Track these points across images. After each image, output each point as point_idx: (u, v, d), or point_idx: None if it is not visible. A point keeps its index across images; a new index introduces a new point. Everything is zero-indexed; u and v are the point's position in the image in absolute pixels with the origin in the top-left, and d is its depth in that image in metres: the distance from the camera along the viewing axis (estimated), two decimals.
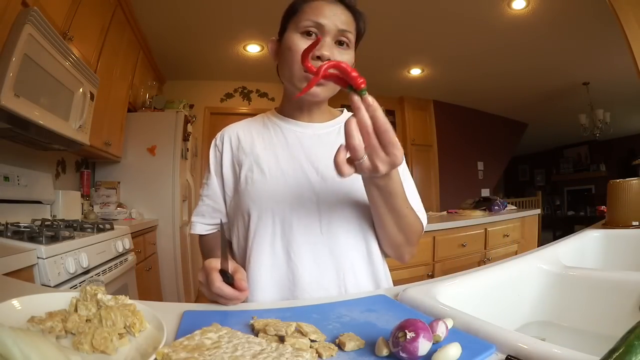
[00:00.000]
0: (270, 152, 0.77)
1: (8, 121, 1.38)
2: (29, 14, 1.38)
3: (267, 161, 0.75)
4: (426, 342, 0.37)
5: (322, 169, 0.74)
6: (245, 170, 0.76)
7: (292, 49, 0.70)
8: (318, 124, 0.80)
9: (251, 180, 0.74)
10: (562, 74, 3.99)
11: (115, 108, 2.51)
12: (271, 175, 0.74)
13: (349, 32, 0.71)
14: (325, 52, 0.67)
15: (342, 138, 0.74)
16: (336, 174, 0.54)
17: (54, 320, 0.40)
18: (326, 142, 0.78)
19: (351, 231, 0.73)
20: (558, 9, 2.71)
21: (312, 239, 0.72)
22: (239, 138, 0.81)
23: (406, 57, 3.72)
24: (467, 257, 2.33)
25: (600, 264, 1.13)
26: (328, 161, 0.72)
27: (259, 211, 0.72)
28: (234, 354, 0.35)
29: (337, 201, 0.72)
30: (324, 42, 0.68)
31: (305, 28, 0.69)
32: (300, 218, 0.71)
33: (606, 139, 5.88)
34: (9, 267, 1.01)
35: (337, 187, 0.72)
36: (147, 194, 2.81)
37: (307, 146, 0.77)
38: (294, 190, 0.72)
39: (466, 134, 5.27)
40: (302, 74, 0.69)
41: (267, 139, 0.79)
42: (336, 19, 0.69)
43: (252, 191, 0.73)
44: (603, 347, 0.31)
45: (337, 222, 0.72)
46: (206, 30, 2.99)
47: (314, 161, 0.75)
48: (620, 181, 1.36)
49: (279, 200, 0.72)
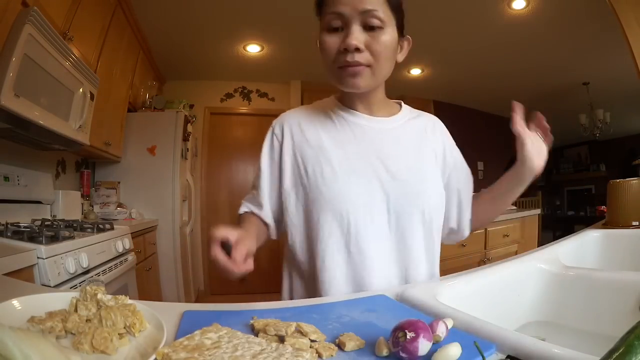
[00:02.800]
0: (339, 147, 0.74)
1: (8, 121, 1.38)
2: (29, 14, 1.38)
3: (336, 157, 0.73)
4: (426, 342, 0.37)
5: (391, 166, 0.73)
6: (312, 165, 0.73)
7: (322, 48, 0.69)
8: (383, 119, 0.78)
9: (321, 178, 0.72)
10: (562, 74, 3.99)
11: (115, 108, 2.51)
12: (342, 172, 0.72)
13: (375, 11, 0.64)
14: (352, 42, 0.63)
15: (409, 136, 0.79)
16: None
17: (54, 320, 0.40)
18: (394, 138, 0.77)
19: (417, 230, 0.74)
20: (558, 9, 2.71)
21: (381, 236, 0.72)
22: (301, 128, 0.77)
23: (406, 57, 3.71)
24: (467, 257, 2.33)
25: (600, 264, 1.13)
26: (397, 159, 0.74)
27: (332, 210, 0.70)
28: (234, 354, 0.35)
29: (405, 202, 0.72)
30: (350, 32, 0.64)
31: (328, 23, 0.66)
32: (373, 217, 0.71)
33: (606, 139, 5.87)
34: (9, 267, 1.01)
35: (406, 186, 0.73)
36: (147, 194, 2.81)
37: (376, 142, 0.75)
38: (366, 189, 0.72)
39: (466, 134, 5.25)
40: (335, 71, 0.69)
41: (334, 132, 0.76)
42: (357, 2, 0.63)
43: (323, 189, 0.71)
44: (603, 347, 0.31)
45: (404, 221, 0.73)
46: (206, 30, 2.99)
47: (383, 159, 0.73)
48: (620, 181, 1.36)
49: (352, 199, 0.71)
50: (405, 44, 0.75)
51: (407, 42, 0.75)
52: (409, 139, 0.78)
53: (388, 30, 0.67)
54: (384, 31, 0.66)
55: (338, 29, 0.66)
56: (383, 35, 0.66)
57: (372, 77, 0.69)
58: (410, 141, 0.78)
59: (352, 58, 0.65)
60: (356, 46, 0.64)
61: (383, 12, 0.65)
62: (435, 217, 0.77)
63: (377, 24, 0.65)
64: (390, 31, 0.67)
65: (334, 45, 0.66)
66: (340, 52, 0.66)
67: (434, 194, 0.76)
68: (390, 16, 0.67)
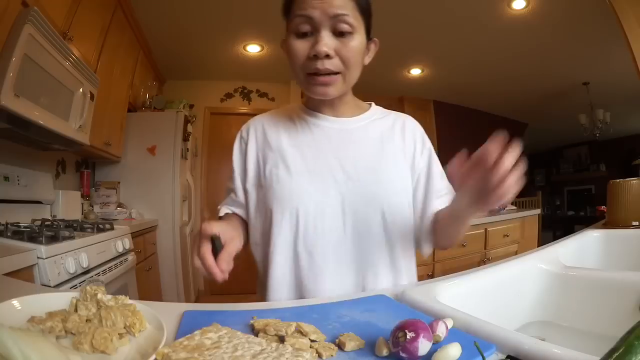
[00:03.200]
0: (297, 149, 0.74)
1: (8, 121, 1.38)
2: (29, 14, 1.38)
3: (292, 158, 0.72)
4: (426, 342, 0.37)
5: (348, 166, 0.71)
6: (270, 166, 0.73)
7: (290, 53, 0.66)
8: (346, 119, 0.76)
9: (276, 177, 0.71)
10: (562, 74, 3.99)
11: (115, 108, 2.51)
12: (297, 172, 0.71)
13: (346, 15, 0.62)
14: (322, 49, 0.62)
15: (371, 135, 0.76)
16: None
17: (54, 320, 0.40)
18: (355, 138, 0.75)
19: (377, 234, 0.71)
20: (558, 9, 2.71)
21: (335, 240, 0.70)
22: (264, 131, 0.78)
23: (406, 57, 3.71)
24: (467, 257, 2.33)
25: (600, 264, 1.13)
26: (355, 160, 0.72)
27: (282, 209, 0.70)
28: (234, 354, 0.35)
29: (363, 202, 0.70)
30: (319, 38, 0.62)
31: (297, 28, 0.64)
32: (325, 218, 0.70)
33: (606, 139, 5.86)
34: (9, 267, 1.01)
35: (364, 188, 0.71)
36: (147, 194, 2.81)
37: (335, 143, 0.74)
38: (319, 189, 0.70)
39: (466, 134, 5.26)
40: (304, 78, 0.67)
41: (294, 135, 0.76)
42: (326, 6, 0.61)
43: (276, 188, 0.71)
44: (603, 347, 0.31)
45: (361, 224, 0.70)
46: (206, 30, 2.99)
47: (341, 158, 0.72)
48: (620, 181, 1.36)
49: (304, 200, 0.69)
50: (372, 46, 0.73)
51: (374, 44, 0.73)
52: (371, 139, 0.76)
53: (357, 36, 0.65)
54: (354, 37, 0.64)
55: (307, 33, 0.64)
56: (353, 40, 0.64)
57: (342, 84, 0.68)
58: (372, 141, 0.76)
59: (322, 65, 0.63)
60: (326, 53, 0.62)
61: (353, 17, 0.63)
62: (400, 220, 0.73)
63: (347, 30, 0.63)
64: (359, 36, 0.65)
65: (303, 51, 0.64)
66: (309, 59, 0.64)
67: (394, 194, 0.73)
68: (360, 20, 0.65)
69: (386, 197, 0.71)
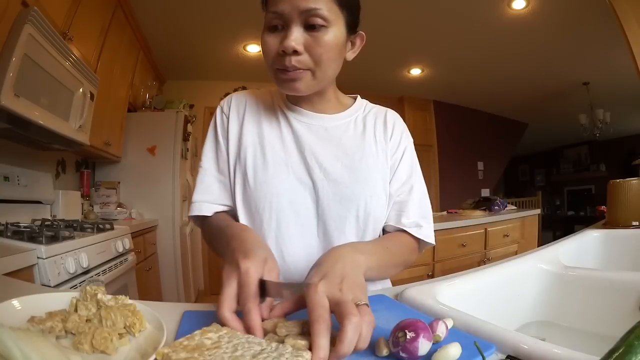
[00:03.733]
0: (277, 138, 0.71)
1: (8, 121, 1.38)
2: (29, 14, 1.38)
3: (271, 147, 0.70)
4: (426, 342, 0.37)
5: (326, 166, 0.69)
6: (248, 149, 0.70)
7: (262, 48, 0.64)
8: (327, 116, 0.73)
9: (252, 164, 0.69)
10: (562, 74, 3.99)
11: (115, 108, 2.51)
12: (275, 165, 0.68)
13: (318, 9, 0.59)
14: (290, 44, 0.59)
15: (351, 134, 0.73)
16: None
17: (54, 320, 0.40)
18: (333, 136, 0.72)
19: (348, 235, 0.69)
20: (558, 9, 2.71)
21: (307, 241, 0.68)
22: (246, 108, 0.74)
23: (406, 57, 3.71)
24: (467, 257, 2.33)
25: (600, 264, 1.13)
26: (334, 157, 0.70)
27: (255, 202, 0.68)
28: (234, 354, 0.35)
29: (338, 204, 0.68)
30: (288, 33, 0.60)
31: (269, 22, 0.62)
32: (298, 217, 0.68)
33: (606, 139, 5.87)
34: (9, 267, 1.01)
35: (340, 188, 0.68)
36: (147, 194, 2.81)
37: (314, 140, 0.71)
38: (294, 185, 0.68)
39: (466, 134, 5.27)
40: (274, 73, 0.64)
41: (275, 123, 0.73)
42: (297, 0, 0.58)
43: (251, 179, 0.68)
44: (603, 347, 0.31)
45: (334, 225, 0.68)
46: (206, 30, 2.99)
47: (318, 156, 0.69)
48: (620, 181, 1.36)
49: (279, 195, 0.67)
50: (358, 40, 0.69)
51: (359, 38, 0.69)
52: (352, 137, 0.73)
53: (332, 29, 0.61)
54: (328, 30, 0.60)
55: (277, 27, 0.61)
56: (326, 35, 0.60)
57: (313, 81, 0.64)
58: (353, 139, 0.73)
59: (289, 62, 0.60)
60: (294, 49, 0.59)
61: (328, 9, 0.59)
62: (372, 223, 0.70)
63: (320, 23, 0.59)
64: (336, 30, 0.61)
65: (274, 46, 0.62)
66: (278, 54, 0.61)
67: (371, 196, 0.69)
68: (338, 13, 0.61)
69: (362, 198, 0.68)
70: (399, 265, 0.68)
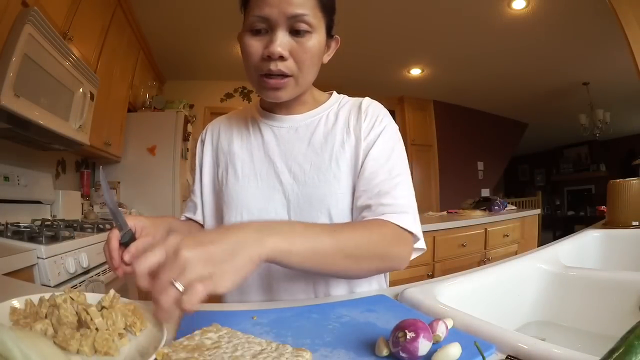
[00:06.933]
0: (246, 152, 0.73)
1: (8, 121, 1.38)
2: (29, 14, 1.38)
3: (241, 161, 0.73)
4: (426, 342, 0.37)
5: (295, 168, 0.69)
6: (221, 170, 0.75)
7: (243, 51, 0.63)
8: (297, 116, 0.73)
9: (225, 182, 0.73)
10: (562, 74, 3.99)
11: (115, 108, 2.51)
12: (244, 176, 0.71)
13: (304, 15, 0.58)
14: (276, 49, 0.58)
15: (321, 130, 0.71)
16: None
17: (43, 322, 0.40)
18: (304, 136, 0.71)
19: None
20: (558, 9, 2.71)
21: None
22: (219, 134, 0.79)
23: (406, 57, 3.71)
24: (467, 257, 2.33)
25: (600, 264, 1.13)
26: (302, 159, 0.69)
27: (229, 214, 0.70)
28: (234, 354, 0.35)
29: (309, 205, 0.67)
30: (274, 38, 0.59)
31: (252, 25, 0.60)
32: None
33: (606, 139, 5.88)
34: (9, 267, 1.01)
35: (309, 190, 0.67)
36: (147, 194, 2.81)
37: (282, 143, 0.71)
38: (264, 193, 0.69)
39: (466, 134, 5.27)
40: (256, 78, 0.63)
41: (246, 138, 0.75)
42: (284, 5, 0.57)
43: (225, 193, 0.72)
44: (603, 347, 0.31)
45: None
46: (206, 30, 2.99)
47: (287, 159, 0.69)
48: (620, 181, 1.36)
49: (250, 204, 0.69)
50: (333, 44, 0.69)
51: (335, 42, 0.69)
52: (322, 133, 0.71)
53: (315, 35, 0.61)
54: (312, 36, 0.61)
55: (261, 30, 0.60)
56: (310, 40, 0.60)
57: (295, 87, 0.64)
58: (323, 135, 0.71)
59: (275, 67, 0.60)
60: (280, 54, 0.59)
61: (313, 15, 0.59)
62: (347, 221, 0.68)
63: (305, 29, 0.59)
64: (318, 35, 0.62)
65: (257, 51, 0.61)
66: (263, 59, 0.60)
67: (342, 194, 0.67)
68: (320, 18, 0.62)
69: (333, 197, 0.67)
70: (373, 257, 0.56)
